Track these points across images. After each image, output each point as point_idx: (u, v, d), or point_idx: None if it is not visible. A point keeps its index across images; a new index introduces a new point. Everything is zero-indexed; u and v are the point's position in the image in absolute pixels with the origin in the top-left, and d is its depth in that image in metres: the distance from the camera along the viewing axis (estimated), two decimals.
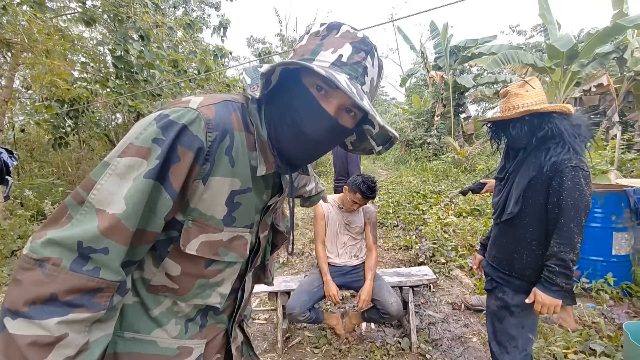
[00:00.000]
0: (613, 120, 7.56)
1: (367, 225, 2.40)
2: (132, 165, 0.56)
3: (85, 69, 5.63)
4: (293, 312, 2.13)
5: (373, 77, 0.71)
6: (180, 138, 0.59)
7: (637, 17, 6.99)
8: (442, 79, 11.47)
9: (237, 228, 0.72)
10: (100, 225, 0.53)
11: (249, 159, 0.69)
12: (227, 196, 0.67)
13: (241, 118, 0.68)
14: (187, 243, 0.66)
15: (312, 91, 0.66)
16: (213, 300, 0.75)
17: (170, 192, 0.59)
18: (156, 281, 0.70)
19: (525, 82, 1.51)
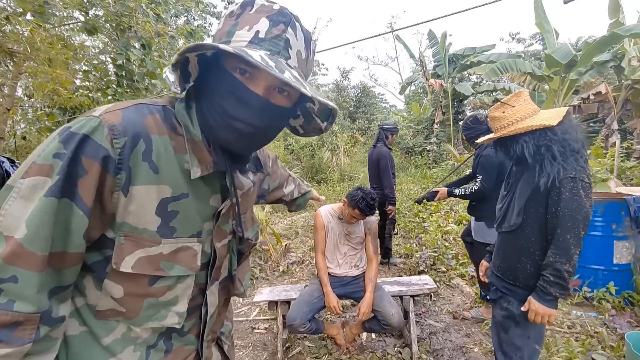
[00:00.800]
0: (612, 128, 7.59)
1: (367, 235, 2.38)
2: (35, 185, 0.52)
3: (87, 78, 5.67)
4: (294, 324, 2.12)
5: (299, 49, 0.66)
6: (83, 149, 0.54)
7: (634, 27, 7.07)
8: (441, 86, 11.55)
9: (180, 239, 0.66)
10: (3, 252, 0.49)
11: (180, 163, 0.65)
12: (157, 205, 0.62)
13: (162, 120, 0.64)
14: (120, 261, 0.61)
15: (237, 76, 0.62)
16: (170, 321, 0.69)
17: (82, 209, 0.55)
18: (102, 306, 0.64)
19: (502, 104, 1.52)
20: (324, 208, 2.42)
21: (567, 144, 1.38)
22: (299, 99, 0.71)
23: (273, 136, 0.72)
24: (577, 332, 2.55)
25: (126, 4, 4.58)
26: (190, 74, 0.66)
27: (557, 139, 1.38)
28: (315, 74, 22.72)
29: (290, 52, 0.64)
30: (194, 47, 0.56)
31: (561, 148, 1.37)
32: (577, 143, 1.40)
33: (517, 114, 1.47)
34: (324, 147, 11.37)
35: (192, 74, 0.66)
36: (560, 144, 1.38)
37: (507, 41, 21.64)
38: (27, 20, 4.12)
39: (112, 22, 4.80)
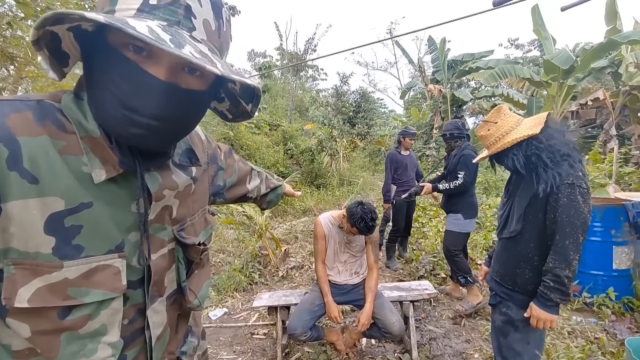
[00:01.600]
0: (610, 133, 7.64)
1: (368, 243, 2.35)
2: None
3: None
4: (295, 333, 2.10)
5: (206, 17, 0.54)
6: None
7: (631, 33, 7.15)
8: (440, 92, 11.60)
9: (92, 257, 0.54)
10: None
11: (74, 167, 0.53)
12: (45, 222, 0.50)
13: (36, 119, 0.51)
14: (13, 295, 0.49)
15: (129, 54, 0.50)
16: (102, 355, 0.57)
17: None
18: (18, 345, 0.53)
19: (485, 122, 1.57)
20: (323, 216, 2.38)
21: (554, 150, 1.40)
22: (221, 79, 0.60)
23: (193, 125, 0.62)
24: (577, 337, 2.55)
25: None
26: (67, 55, 0.53)
27: (544, 146, 1.40)
28: (315, 79, 22.85)
29: (194, 21, 0.53)
30: (52, 17, 0.42)
31: (550, 154, 1.39)
32: (566, 146, 1.41)
33: (500, 129, 1.51)
34: (324, 151, 11.39)
35: (70, 55, 0.53)
36: (547, 150, 1.40)
37: (506, 47, 21.81)
38: (28, 25, 4.15)
39: None
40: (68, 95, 0.56)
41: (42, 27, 0.44)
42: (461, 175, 3.02)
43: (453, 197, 3.13)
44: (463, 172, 3.02)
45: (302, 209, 7.59)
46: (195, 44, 0.49)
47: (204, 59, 0.46)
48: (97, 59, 0.52)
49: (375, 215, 2.08)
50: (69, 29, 0.50)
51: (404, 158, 4.14)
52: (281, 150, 11.23)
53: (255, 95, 0.64)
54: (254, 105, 0.66)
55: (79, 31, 0.52)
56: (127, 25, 0.41)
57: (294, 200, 8.11)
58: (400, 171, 4.11)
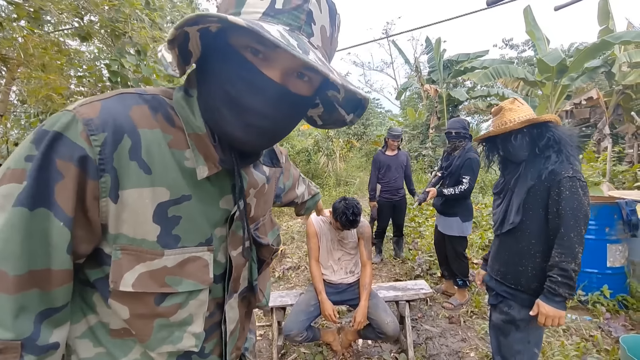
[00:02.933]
0: (604, 132, 7.69)
1: (360, 240, 2.36)
2: (9, 194, 0.44)
3: (82, 83, 5.64)
4: (291, 334, 2.09)
5: (324, 24, 0.54)
6: (55, 149, 0.46)
7: (624, 34, 7.21)
8: (436, 92, 11.65)
9: (187, 248, 0.57)
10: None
11: (179, 160, 0.56)
12: (154, 211, 0.53)
13: (152, 112, 0.54)
14: (119, 279, 0.52)
15: (247, 56, 0.51)
16: (187, 344, 0.60)
17: (62, 219, 0.46)
18: (115, 324, 0.57)
19: (515, 99, 1.57)
20: (315, 215, 2.40)
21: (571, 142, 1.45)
22: (321, 85, 0.60)
23: (290, 130, 0.61)
24: (572, 335, 2.56)
25: (121, 10, 4.58)
26: (190, 54, 0.54)
27: (564, 136, 1.44)
28: None
29: (313, 27, 0.52)
30: (194, 18, 0.43)
31: (569, 145, 1.43)
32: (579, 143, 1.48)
33: (528, 110, 1.53)
34: (320, 152, 11.38)
35: (192, 54, 0.54)
36: (568, 140, 1.44)
37: (501, 47, 21.91)
38: (21, 26, 4.10)
39: (107, 28, 4.80)
40: (178, 91, 0.58)
41: (181, 28, 0.46)
42: (466, 180, 2.94)
43: (451, 200, 3.07)
44: (468, 177, 2.94)
45: None
46: (315, 51, 0.50)
47: (325, 66, 0.47)
48: (216, 58, 0.53)
49: (358, 211, 2.09)
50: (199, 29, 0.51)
51: (388, 159, 4.18)
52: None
53: (360, 105, 0.62)
54: (356, 115, 0.64)
55: (204, 31, 0.53)
56: (263, 29, 0.42)
57: None
58: (383, 171, 4.17)
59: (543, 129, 1.47)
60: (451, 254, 3.16)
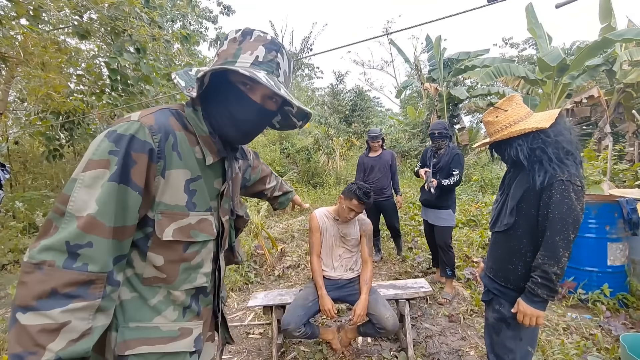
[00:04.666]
0: (605, 131, 7.67)
1: (362, 237, 2.37)
2: (96, 176, 0.68)
3: (82, 81, 5.63)
4: (288, 328, 2.10)
5: (285, 69, 0.88)
6: (132, 145, 0.72)
7: (625, 32, 7.18)
8: (436, 90, 11.62)
9: (200, 212, 0.85)
10: (80, 224, 0.65)
11: (193, 153, 0.84)
12: (184, 185, 0.81)
13: (178, 121, 0.83)
14: (162, 232, 0.78)
15: (240, 87, 0.83)
16: (200, 281, 0.88)
17: (136, 189, 0.72)
18: (147, 274, 0.81)
19: (495, 108, 1.54)
20: (319, 210, 2.41)
21: (560, 146, 1.38)
22: (281, 104, 0.93)
23: (261, 130, 0.94)
24: (572, 334, 2.55)
25: (120, 8, 4.56)
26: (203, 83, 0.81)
27: (551, 141, 1.39)
28: (311, 78, 22.83)
29: (280, 71, 0.86)
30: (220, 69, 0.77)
31: (555, 150, 1.38)
32: (571, 145, 1.40)
33: (510, 117, 1.49)
34: (320, 150, 11.37)
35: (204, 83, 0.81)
36: (553, 146, 1.38)
37: (501, 46, 21.82)
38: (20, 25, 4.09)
39: (106, 26, 4.79)
40: (188, 107, 0.87)
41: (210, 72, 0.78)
42: (456, 172, 3.19)
43: (445, 193, 3.26)
44: (457, 170, 3.20)
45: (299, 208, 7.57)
46: (281, 85, 0.83)
47: (289, 96, 0.80)
48: (220, 87, 0.84)
49: (370, 189, 2.25)
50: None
51: (371, 160, 4.22)
52: (277, 149, 11.21)
53: (306, 116, 0.96)
54: (303, 122, 0.99)
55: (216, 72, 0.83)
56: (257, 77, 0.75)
57: None
58: (366, 173, 4.21)
59: (530, 138, 1.42)
60: (442, 244, 3.29)
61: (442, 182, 3.20)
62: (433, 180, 3.21)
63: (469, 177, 9.87)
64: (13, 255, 4.66)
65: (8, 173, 3.22)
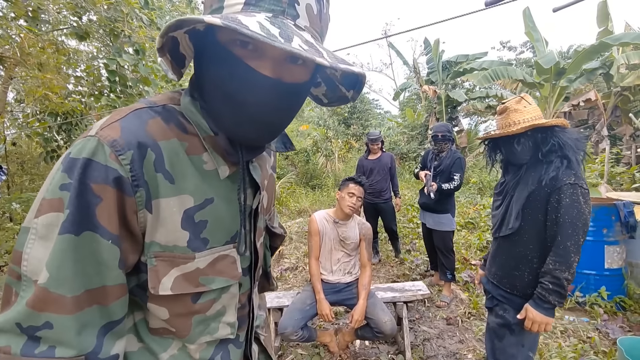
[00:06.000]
0: (602, 134, 7.72)
1: (362, 241, 2.36)
2: (50, 223, 0.46)
3: (80, 83, 5.62)
4: (285, 332, 2.09)
5: (309, 2, 0.52)
6: (88, 174, 0.47)
7: (622, 35, 7.23)
8: (434, 93, 11.66)
9: (215, 248, 0.60)
10: (29, 299, 0.45)
11: (197, 165, 0.57)
12: (181, 218, 0.55)
13: (165, 123, 0.55)
14: (157, 284, 0.55)
15: (237, 51, 0.51)
16: (223, 333, 0.65)
17: (108, 237, 0.49)
18: (154, 324, 0.61)
19: (522, 98, 1.51)
20: (318, 213, 2.40)
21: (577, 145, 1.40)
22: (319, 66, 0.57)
23: (292, 119, 0.61)
24: (569, 337, 2.55)
25: (119, 9, 4.56)
26: (185, 57, 0.57)
27: (570, 140, 1.40)
28: None
29: (297, 8, 0.51)
30: (175, 24, 0.46)
31: (570, 148, 1.39)
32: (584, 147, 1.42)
33: (536, 111, 1.48)
34: (319, 152, 11.38)
35: (186, 56, 0.57)
36: (573, 144, 1.39)
37: (499, 49, 21.94)
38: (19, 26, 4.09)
39: (105, 27, 4.78)
40: (185, 97, 0.58)
41: (166, 34, 0.48)
42: (457, 176, 3.16)
43: (444, 197, 3.23)
44: (459, 174, 3.17)
45: (297, 209, 7.57)
46: (300, 33, 0.48)
47: (311, 49, 0.46)
48: (207, 57, 0.55)
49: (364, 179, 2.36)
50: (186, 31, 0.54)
51: (371, 162, 4.22)
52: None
53: (358, 81, 0.62)
54: (355, 91, 0.64)
55: (193, 32, 0.55)
56: (240, 25, 0.42)
57: (288, 201, 8.09)
58: (365, 175, 4.20)
59: (548, 133, 1.42)
60: (442, 249, 3.28)
61: (442, 186, 3.18)
62: (433, 184, 3.18)
63: (468, 179, 9.88)
64: (10, 256, 4.64)
65: (5, 174, 3.20)
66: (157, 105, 0.57)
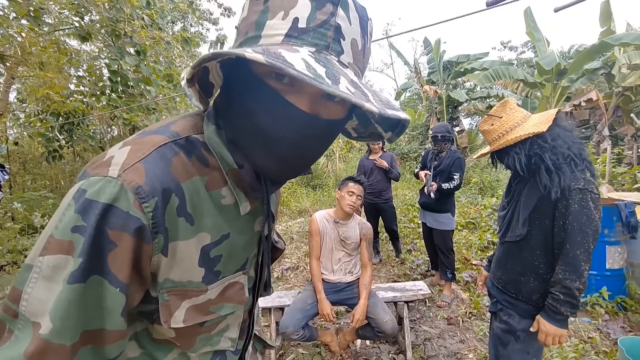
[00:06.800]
0: (603, 134, 7.70)
1: (362, 241, 2.37)
2: (57, 265, 0.43)
3: (82, 83, 5.64)
4: (286, 331, 2.09)
5: (354, 37, 0.48)
6: (107, 220, 0.44)
7: (623, 36, 7.21)
8: (435, 93, 11.65)
9: (226, 277, 0.60)
10: (28, 349, 0.42)
11: (216, 201, 0.55)
12: (199, 256, 0.54)
13: (187, 157, 0.52)
14: (169, 318, 0.54)
15: (271, 83, 0.47)
16: (224, 346, 0.67)
17: (116, 285, 0.46)
18: (158, 336, 0.60)
19: (490, 116, 1.47)
20: (319, 213, 2.41)
21: (558, 151, 1.31)
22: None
23: (325, 150, 0.57)
24: (570, 337, 2.55)
25: (121, 9, 4.57)
26: (212, 85, 0.53)
27: (548, 147, 1.31)
28: None
29: (342, 43, 0.47)
30: (210, 56, 0.43)
31: (553, 156, 1.30)
32: (573, 147, 1.31)
33: (505, 124, 1.41)
34: None
35: (215, 84, 0.53)
36: (551, 151, 1.31)
37: (500, 49, 21.93)
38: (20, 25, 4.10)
39: (107, 28, 4.80)
40: (208, 125, 0.55)
41: (199, 66, 0.45)
42: (457, 176, 3.19)
43: (444, 197, 3.26)
44: (458, 174, 3.19)
45: (298, 209, 7.58)
46: (345, 72, 0.45)
47: (357, 91, 0.43)
48: (238, 86, 0.51)
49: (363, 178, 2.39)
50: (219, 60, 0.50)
51: (370, 162, 4.26)
52: None
53: (400, 125, 0.59)
54: (395, 134, 0.61)
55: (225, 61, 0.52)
56: (285, 64, 0.39)
57: (289, 201, 8.10)
58: (366, 175, 4.23)
59: (527, 145, 1.34)
60: (442, 248, 3.30)
61: (442, 186, 3.20)
62: (433, 184, 3.21)
63: (468, 179, 9.87)
64: (11, 256, 4.66)
65: (7, 174, 3.21)
66: (181, 137, 0.53)
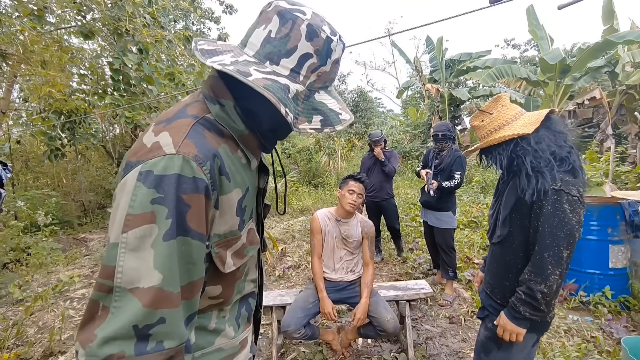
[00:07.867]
0: (607, 132, 7.66)
1: (364, 239, 2.36)
2: (142, 235, 0.53)
3: (84, 81, 5.65)
4: (288, 330, 2.09)
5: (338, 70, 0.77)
6: (181, 188, 0.56)
7: (627, 33, 7.16)
8: (437, 91, 11.60)
9: (247, 224, 0.75)
10: (144, 301, 0.52)
11: (239, 161, 0.71)
12: (236, 207, 0.69)
13: (211, 131, 0.66)
14: (223, 265, 0.68)
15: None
16: (248, 289, 0.82)
17: (199, 238, 0.59)
18: (202, 305, 0.70)
19: (481, 112, 1.43)
20: (320, 211, 2.40)
21: (539, 155, 1.26)
22: None
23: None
24: (573, 336, 2.54)
25: (123, 7, 4.57)
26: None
27: (530, 150, 1.27)
28: None
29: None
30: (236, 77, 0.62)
31: (533, 160, 1.26)
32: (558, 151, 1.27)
33: (494, 122, 1.37)
34: (321, 151, 11.38)
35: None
36: (532, 155, 1.26)
37: (502, 47, 21.82)
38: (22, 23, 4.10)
39: (109, 26, 4.80)
40: (213, 105, 0.68)
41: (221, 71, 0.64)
42: (457, 175, 3.20)
43: (445, 195, 3.27)
44: (459, 173, 3.20)
45: (300, 208, 7.58)
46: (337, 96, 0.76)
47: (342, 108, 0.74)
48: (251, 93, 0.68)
49: (364, 176, 2.39)
50: None
51: (371, 161, 4.30)
52: (278, 149, 11.20)
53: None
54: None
55: None
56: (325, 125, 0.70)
57: (291, 200, 8.10)
58: (368, 173, 4.27)
59: (510, 146, 1.31)
60: (444, 247, 3.31)
61: (442, 185, 3.21)
62: (433, 183, 3.21)
63: (471, 178, 9.84)
64: (14, 254, 4.68)
65: (10, 172, 3.22)
66: (200, 117, 0.66)
